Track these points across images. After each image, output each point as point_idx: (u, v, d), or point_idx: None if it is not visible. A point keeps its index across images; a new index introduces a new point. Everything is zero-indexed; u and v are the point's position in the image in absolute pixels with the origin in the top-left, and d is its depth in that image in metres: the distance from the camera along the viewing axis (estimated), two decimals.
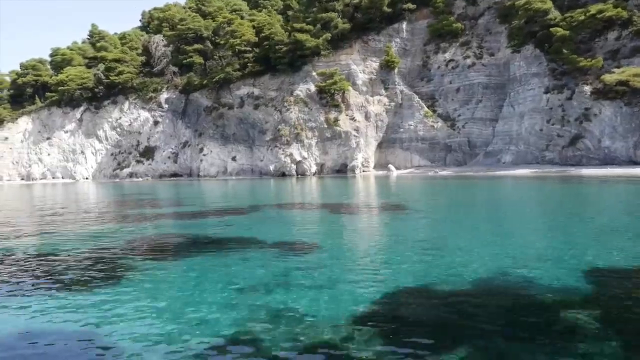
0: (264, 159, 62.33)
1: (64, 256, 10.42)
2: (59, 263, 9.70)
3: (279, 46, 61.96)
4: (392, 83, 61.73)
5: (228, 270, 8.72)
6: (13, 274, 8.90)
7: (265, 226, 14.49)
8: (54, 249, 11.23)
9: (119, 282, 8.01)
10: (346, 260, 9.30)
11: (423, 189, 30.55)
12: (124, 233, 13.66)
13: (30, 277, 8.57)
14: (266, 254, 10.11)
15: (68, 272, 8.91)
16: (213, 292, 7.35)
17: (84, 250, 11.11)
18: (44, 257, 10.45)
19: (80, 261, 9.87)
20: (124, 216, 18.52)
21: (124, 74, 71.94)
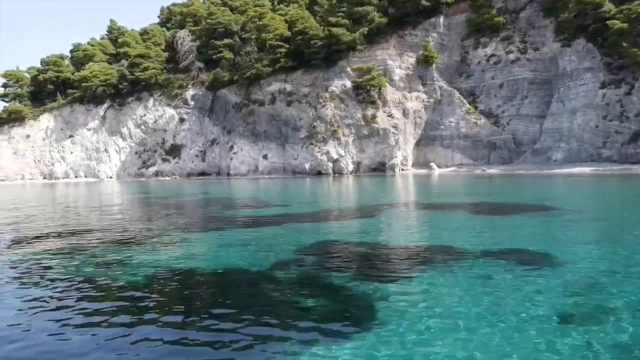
0: (298, 157, 60.42)
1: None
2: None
3: (313, 41, 60.02)
4: (430, 79, 59.85)
5: (496, 296, 6.66)
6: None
7: (445, 232, 12.52)
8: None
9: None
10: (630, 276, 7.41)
11: (506, 187, 28.66)
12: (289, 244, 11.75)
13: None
14: (505, 267, 8.14)
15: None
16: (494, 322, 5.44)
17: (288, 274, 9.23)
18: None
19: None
20: (253, 221, 16.52)
21: (149, 70, 69.95)
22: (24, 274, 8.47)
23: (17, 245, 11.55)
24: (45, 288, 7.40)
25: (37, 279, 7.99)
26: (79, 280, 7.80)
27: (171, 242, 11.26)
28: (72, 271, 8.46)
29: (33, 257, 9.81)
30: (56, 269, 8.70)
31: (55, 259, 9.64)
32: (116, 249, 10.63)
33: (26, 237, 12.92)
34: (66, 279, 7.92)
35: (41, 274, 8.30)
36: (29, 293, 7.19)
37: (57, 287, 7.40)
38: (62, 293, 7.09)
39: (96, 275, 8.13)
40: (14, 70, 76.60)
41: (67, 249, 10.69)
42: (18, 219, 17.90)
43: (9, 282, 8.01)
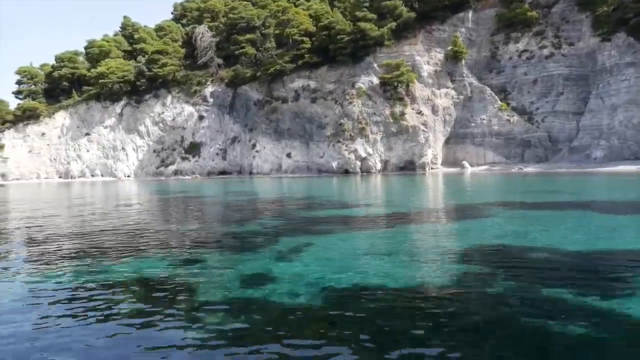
0: (324, 155, 58.85)
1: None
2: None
3: (340, 36, 58.44)
4: (460, 75, 58.31)
5: None
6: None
7: (606, 232, 10.94)
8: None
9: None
10: None
11: (567, 185, 27.02)
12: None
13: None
14: None
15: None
16: None
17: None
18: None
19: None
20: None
21: (167, 66, 68.39)
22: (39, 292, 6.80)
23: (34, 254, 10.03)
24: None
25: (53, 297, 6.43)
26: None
27: (298, 247, 9.71)
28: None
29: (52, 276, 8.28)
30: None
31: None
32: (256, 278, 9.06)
33: (40, 241, 11.40)
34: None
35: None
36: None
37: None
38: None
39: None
40: (28, 66, 74.98)
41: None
42: (33, 222, 16.35)
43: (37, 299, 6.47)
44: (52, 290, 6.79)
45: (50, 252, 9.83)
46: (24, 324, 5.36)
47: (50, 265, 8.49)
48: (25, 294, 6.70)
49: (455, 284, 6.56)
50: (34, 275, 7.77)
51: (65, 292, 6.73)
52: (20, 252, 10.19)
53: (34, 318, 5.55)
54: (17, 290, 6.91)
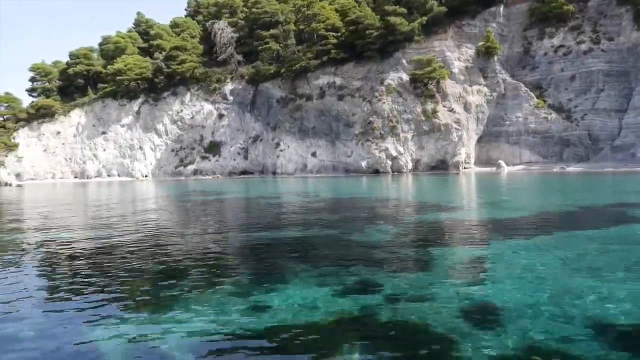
0: (352, 154, 56.88)
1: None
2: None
3: (369, 31, 56.48)
4: (492, 71, 56.39)
5: None
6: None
7: None
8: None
9: None
10: None
11: (631, 185, 25.07)
12: None
13: None
14: None
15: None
16: None
17: None
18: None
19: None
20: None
21: (186, 62, 66.37)
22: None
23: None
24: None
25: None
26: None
27: (469, 261, 7.78)
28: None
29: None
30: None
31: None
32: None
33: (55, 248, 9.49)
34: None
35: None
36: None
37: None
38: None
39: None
40: (42, 63, 72.94)
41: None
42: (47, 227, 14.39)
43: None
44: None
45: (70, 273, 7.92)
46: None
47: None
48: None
49: None
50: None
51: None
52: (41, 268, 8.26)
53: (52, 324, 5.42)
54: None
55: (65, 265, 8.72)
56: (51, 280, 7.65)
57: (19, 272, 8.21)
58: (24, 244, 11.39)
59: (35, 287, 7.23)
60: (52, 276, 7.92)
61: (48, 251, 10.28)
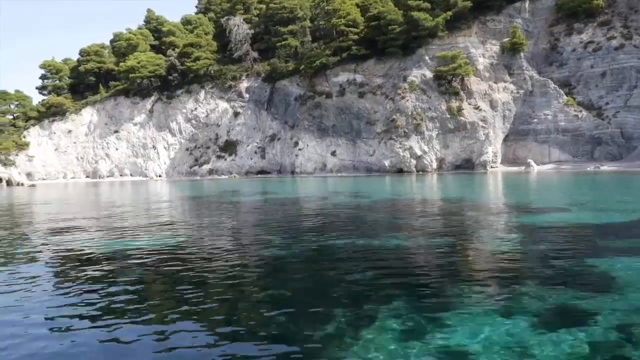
0: (374, 153, 55.31)
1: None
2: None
3: (391, 26, 54.89)
4: (519, 68, 54.81)
5: None
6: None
7: None
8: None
9: None
10: None
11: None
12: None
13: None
14: None
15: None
16: None
17: None
18: None
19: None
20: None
21: (201, 59, 64.78)
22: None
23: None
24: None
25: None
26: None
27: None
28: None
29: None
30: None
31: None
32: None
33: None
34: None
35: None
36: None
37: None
38: None
39: None
40: (52, 60, 71.35)
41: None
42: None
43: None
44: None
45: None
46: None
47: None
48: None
49: None
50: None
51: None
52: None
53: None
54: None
55: (104, 274, 7.16)
56: (86, 293, 6.39)
57: (53, 281, 6.77)
58: (47, 247, 9.83)
59: (64, 294, 6.36)
60: (86, 286, 6.51)
61: (78, 256, 8.72)
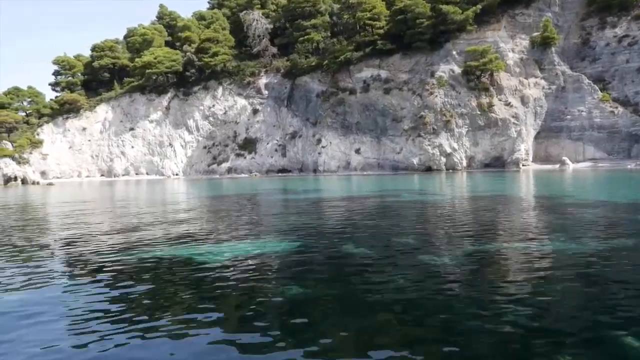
0: (401, 151, 53.71)
1: None
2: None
3: (419, 20, 53.28)
4: (550, 63, 53.21)
5: None
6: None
7: None
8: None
9: None
10: None
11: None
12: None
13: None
14: None
15: None
16: None
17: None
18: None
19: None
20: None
21: (219, 55, 63.12)
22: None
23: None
24: None
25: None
26: None
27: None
28: None
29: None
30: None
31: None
32: None
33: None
34: None
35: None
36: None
37: None
38: None
39: None
40: (66, 56, 69.64)
41: None
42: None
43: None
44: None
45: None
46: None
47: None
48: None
49: None
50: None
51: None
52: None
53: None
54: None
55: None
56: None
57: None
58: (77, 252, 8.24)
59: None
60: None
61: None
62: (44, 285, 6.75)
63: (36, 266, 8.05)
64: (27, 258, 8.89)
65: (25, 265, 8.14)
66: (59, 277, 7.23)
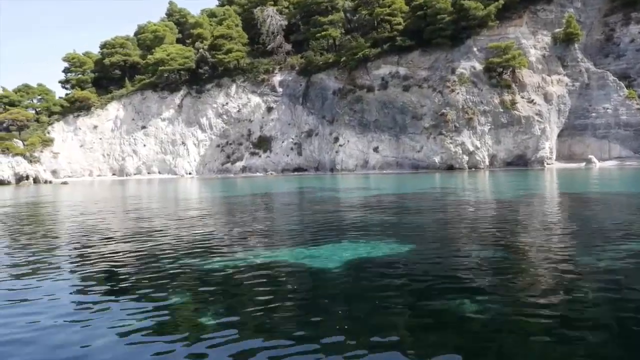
0: (421, 149, 52.66)
1: None
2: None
3: (440, 16, 52.21)
4: (573, 60, 52.18)
5: None
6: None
7: None
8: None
9: None
10: None
11: None
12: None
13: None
14: None
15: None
16: None
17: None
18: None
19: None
20: None
21: (233, 52, 61.99)
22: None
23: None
24: None
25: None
26: None
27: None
28: None
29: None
30: None
31: None
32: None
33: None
34: None
35: None
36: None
37: None
38: None
39: None
40: (76, 53, 68.47)
41: None
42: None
43: None
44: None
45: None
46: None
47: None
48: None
49: None
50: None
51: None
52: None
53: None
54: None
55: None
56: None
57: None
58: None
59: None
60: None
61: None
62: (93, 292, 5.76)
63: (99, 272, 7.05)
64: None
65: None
66: (114, 293, 6.20)
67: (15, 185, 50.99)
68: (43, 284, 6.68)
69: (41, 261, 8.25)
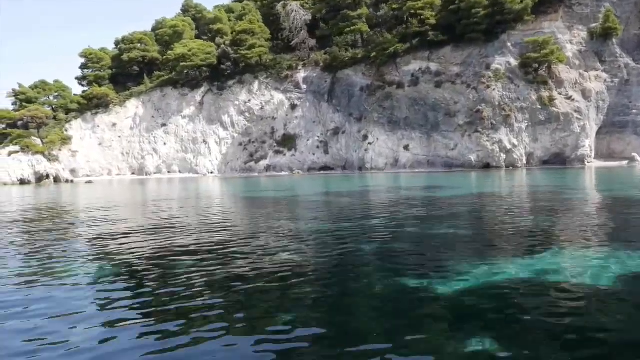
0: (455, 147, 51.12)
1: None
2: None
3: (475, 10, 50.66)
4: (611, 55, 50.77)
5: None
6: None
7: None
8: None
9: None
10: None
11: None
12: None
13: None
14: None
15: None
16: None
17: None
18: None
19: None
20: None
21: (256, 47, 60.32)
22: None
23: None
24: None
25: None
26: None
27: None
28: None
29: None
30: None
31: None
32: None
33: None
34: None
35: None
36: None
37: None
38: None
39: None
40: (93, 49, 66.64)
41: None
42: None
43: None
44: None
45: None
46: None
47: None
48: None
49: None
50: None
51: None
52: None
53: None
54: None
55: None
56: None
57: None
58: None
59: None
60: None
61: None
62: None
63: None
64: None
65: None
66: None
67: (35, 185, 49.24)
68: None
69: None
